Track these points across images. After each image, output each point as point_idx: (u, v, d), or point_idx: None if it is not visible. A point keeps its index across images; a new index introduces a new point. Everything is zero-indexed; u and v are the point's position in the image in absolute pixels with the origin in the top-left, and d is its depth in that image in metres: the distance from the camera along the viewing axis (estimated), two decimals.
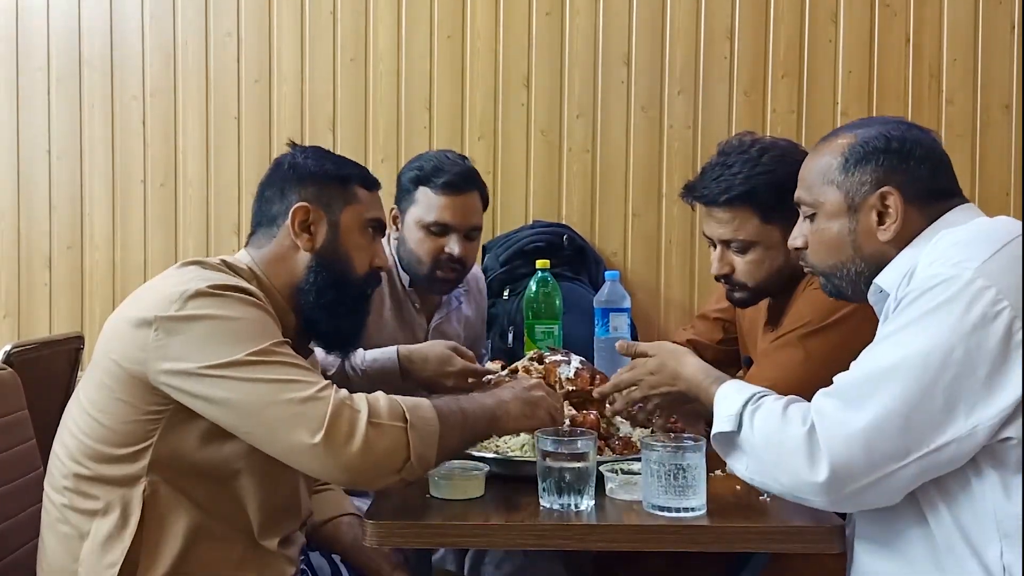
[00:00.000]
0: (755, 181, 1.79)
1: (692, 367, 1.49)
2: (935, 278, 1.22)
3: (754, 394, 1.34)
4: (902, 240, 1.36)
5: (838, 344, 1.73)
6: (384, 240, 2.40)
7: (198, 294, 1.37)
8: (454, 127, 3.04)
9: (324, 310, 1.54)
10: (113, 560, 1.39)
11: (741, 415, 1.32)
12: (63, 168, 3.10)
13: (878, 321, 1.44)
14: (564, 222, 3.01)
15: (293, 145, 1.65)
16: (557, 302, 2.26)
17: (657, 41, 3.02)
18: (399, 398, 1.37)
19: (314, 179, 1.56)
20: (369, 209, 1.60)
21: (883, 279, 1.37)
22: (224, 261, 1.52)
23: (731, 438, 1.34)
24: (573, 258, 2.90)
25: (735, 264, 1.87)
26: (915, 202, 1.36)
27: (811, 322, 1.78)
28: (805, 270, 1.52)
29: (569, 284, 2.75)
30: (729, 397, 1.36)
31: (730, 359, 2.19)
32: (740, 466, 1.34)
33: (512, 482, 1.49)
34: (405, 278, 2.25)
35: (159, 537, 1.41)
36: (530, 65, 3.03)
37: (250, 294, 1.42)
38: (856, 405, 1.21)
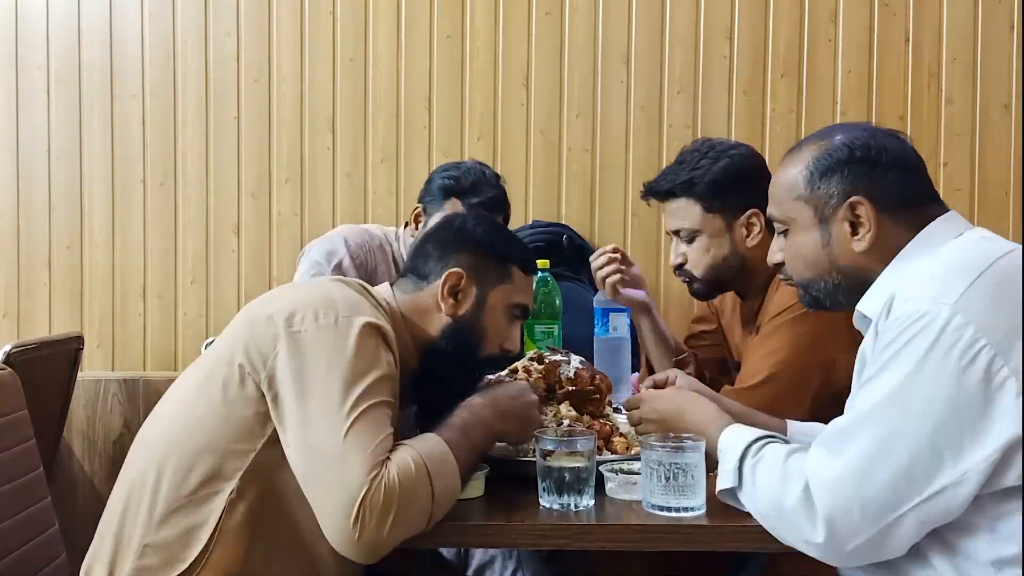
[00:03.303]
0: (694, 173, 1.95)
1: (703, 413, 1.45)
2: (912, 315, 1.19)
3: (752, 442, 1.31)
4: (883, 251, 1.34)
5: (825, 325, 1.76)
6: (405, 232, 2.43)
7: (334, 324, 1.37)
8: (454, 127, 3.04)
9: (441, 375, 1.54)
10: (189, 555, 1.39)
11: (741, 469, 1.29)
12: (63, 168, 3.10)
13: None
14: (564, 222, 3.01)
15: (471, 213, 1.71)
16: (557, 302, 2.26)
17: (656, 41, 3.02)
18: (427, 454, 1.34)
19: (477, 248, 1.58)
20: (519, 293, 1.60)
21: (865, 305, 1.36)
22: (365, 287, 1.53)
23: (734, 492, 1.32)
24: (573, 258, 2.90)
25: (686, 254, 2.00)
26: (888, 210, 1.34)
27: (795, 305, 1.80)
28: (785, 282, 1.53)
29: (569, 284, 2.75)
30: (730, 449, 1.33)
31: (717, 363, 2.21)
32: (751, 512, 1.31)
33: (512, 482, 1.50)
34: None
35: (228, 547, 1.40)
36: (530, 65, 3.03)
37: (385, 335, 1.41)
38: (838, 451, 1.19)
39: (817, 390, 1.80)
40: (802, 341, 1.80)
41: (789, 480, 1.21)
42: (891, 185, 1.34)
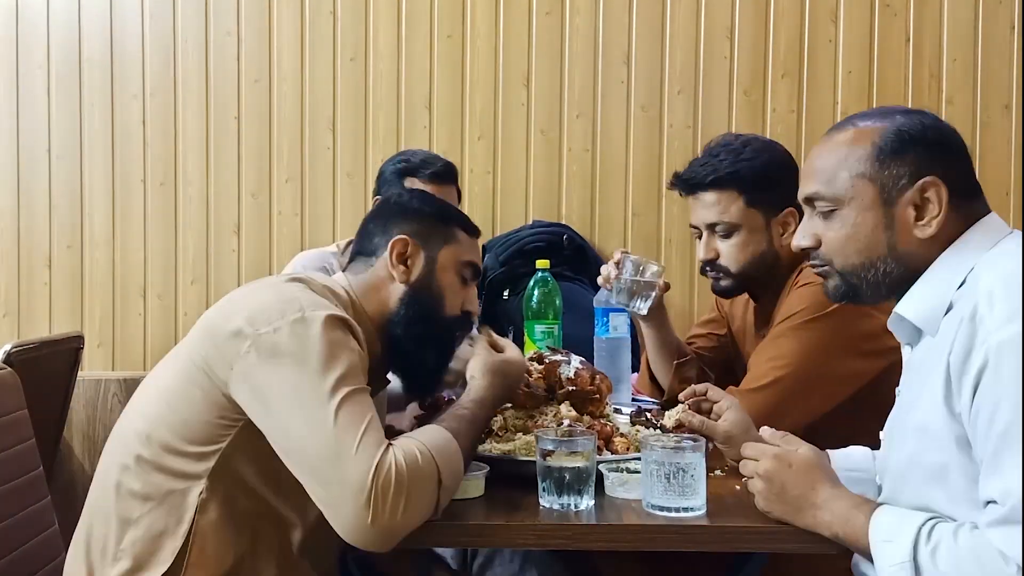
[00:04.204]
0: (739, 165, 1.89)
1: (842, 497, 1.29)
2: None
3: (920, 527, 1.18)
4: (942, 240, 1.28)
5: (833, 334, 1.75)
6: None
7: (299, 321, 1.36)
8: (454, 127, 3.04)
9: (410, 344, 1.55)
10: (164, 557, 1.39)
11: (916, 560, 1.16)
12: (63, 167, 3.10)
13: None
14: (564, 222, 3.01)
15: (408, 191, 1.74)
16: (557, 302, 2.26)
17: (657, 41, 3.02)
18: (434, 446, 1.33)
19: (417, 215, 1.60)
20: (467, 252, 1.62)
21: (909, 310, 1.29)
22: (321, 283, 1.52)
23: None
24: (573, 258, 2.90)
25: (719, 249, 1.94)
26: (955, 197, 1.27)
27: (805, 311, 1.80)
28: (815, 271, 1.42)
29: (569, 284, 2.75)
30: (896, 537, 1.19)
31: (723, 360, 2.21)
32: None
33: (512, 482, 1.49)
34: None
35: (206, 546, 1.40)
36: (530, 65, 3.03)
37: (348, 326, 1.40)
38: None
39: (823, 400, 1.78)
40: (809, 349, 1.78)
41: (988, 566, 1.11)
42: (959, 171, 1.28)
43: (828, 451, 1.51)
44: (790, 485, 1.30)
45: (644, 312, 2.04)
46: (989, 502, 1.14)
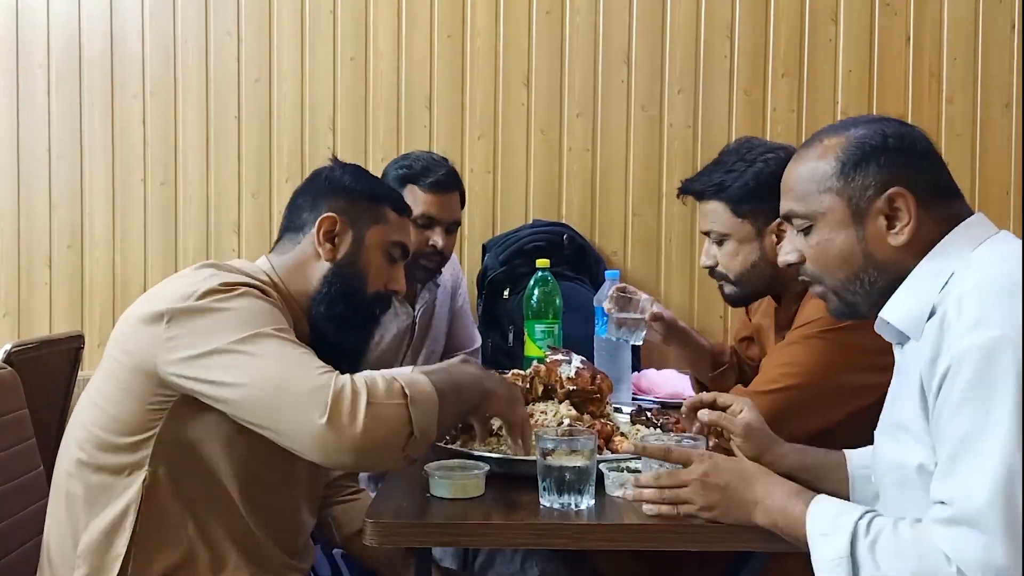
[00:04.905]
0: (726, 177, 1.89)
1: (779, 484, 1.30)
2: (993, 341, 1.11)
3: (857, 521, 1.18)
4: (919, 245, 1.27)
5: (849, 347, 1.73)
6: None
7: (211, 291, 1.38)
8: (454, 126, 3.04)
9: (332, 323, 1.54)
10: (117, 552, 1.40)
11: (854, 555, 1.16)
12: (63, 167, 3.10)
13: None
14: (564, 221, 3.01)
15: (335, 160, 1.67)
16: (557, 301, 2.26)
17: (657, 41, 3.02)
18: (396, 374, 1.35)
19: (347, 193, 1.60)
20: (395, 232, 1.61)
21: (892, 314, 1.28)
22: (240, 269, 1.53)
23: None
24: (573, 257, 2.90)
25: (717, 256, 1.95)
26: (925, 201, 1.27)
27: (821, 320, 1.78)
28: (813, 291, 1.42)
29: (569, 283, 2.75)
30: (834, 531, 1.19)
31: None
32: None
33: (512, 482, 1.49)
34: None
35: (156, 535, 1.41)
36: (530, 65, 3.03)
37: (264, 292, 1.44)
38: (974, 522, 1.08)
39: (834, 412, 1.77)
40: (823, 362, 1.75)
41: (929, 563, 1.11)
42: (926, 175, 1.28)
43: (846, 451, 1.52)
44: (723, 483, 1.32)
45: (639, 343, 2.09)
46: (938, 502, 1.14)
